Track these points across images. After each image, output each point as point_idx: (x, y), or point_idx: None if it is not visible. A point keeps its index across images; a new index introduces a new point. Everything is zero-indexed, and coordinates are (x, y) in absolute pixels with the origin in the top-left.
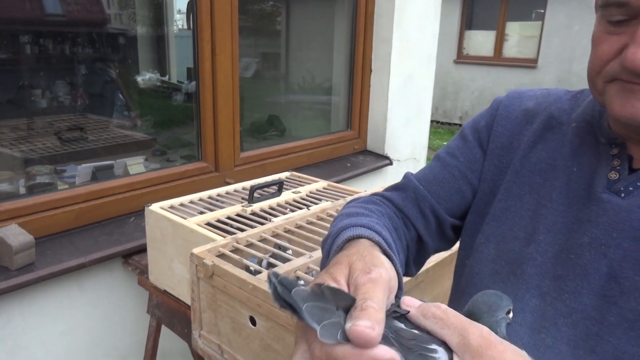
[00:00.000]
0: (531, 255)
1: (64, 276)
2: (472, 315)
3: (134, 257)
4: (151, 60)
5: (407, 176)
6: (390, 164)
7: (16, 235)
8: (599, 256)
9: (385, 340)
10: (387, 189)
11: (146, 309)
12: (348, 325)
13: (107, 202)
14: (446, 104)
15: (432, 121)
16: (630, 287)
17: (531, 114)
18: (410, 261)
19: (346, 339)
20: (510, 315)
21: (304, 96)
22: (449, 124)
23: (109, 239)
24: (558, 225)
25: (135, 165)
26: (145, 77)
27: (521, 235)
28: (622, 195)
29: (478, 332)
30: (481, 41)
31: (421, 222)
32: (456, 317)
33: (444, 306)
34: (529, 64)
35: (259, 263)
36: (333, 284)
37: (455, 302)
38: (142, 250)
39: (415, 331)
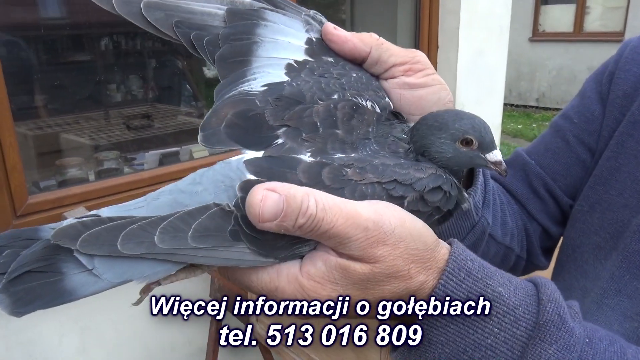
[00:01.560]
0: (639, 228)
1: None
2: (413, 129)
3: None
4: None
5: (516, 151)
6: None
7: None
8: None
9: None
10: None
11: (209, 293)
12: None
13: None
14: (521, 85)
15: (505, 104)
16: None
17: None
18: (537, 250)
19: None
20: (472, 142)
21: None
22: (524, 106)
23: None
24: None
25: (201, 151)
26: (212, 68)
27: (633, 202)
28: None
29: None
30: (559, 16)
31: (535, 204)
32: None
33: (317, 205)
34: (615, 37)
35: None
36: None
37: (556, 278)
38: None
39: None
